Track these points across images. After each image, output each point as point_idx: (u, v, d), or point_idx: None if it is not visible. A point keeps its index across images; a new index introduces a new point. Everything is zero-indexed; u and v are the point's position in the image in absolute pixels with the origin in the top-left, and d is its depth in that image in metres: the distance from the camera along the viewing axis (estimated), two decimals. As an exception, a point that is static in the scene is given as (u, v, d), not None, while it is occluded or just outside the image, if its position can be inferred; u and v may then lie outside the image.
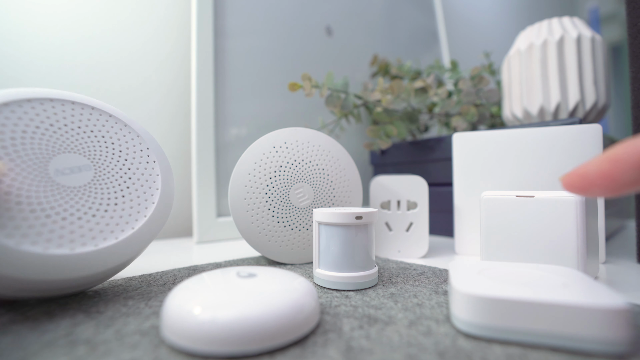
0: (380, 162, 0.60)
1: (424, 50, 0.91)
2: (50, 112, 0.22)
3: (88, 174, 0.22)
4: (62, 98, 0.22)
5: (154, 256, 0.39)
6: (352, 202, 0.35)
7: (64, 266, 0.19)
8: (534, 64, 0.49)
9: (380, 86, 0.51)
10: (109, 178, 0.22)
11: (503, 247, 0.28)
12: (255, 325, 0.15)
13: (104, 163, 0.23)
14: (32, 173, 0.20)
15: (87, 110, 0.23)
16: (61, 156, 0.21)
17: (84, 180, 0.21)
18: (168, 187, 0.25)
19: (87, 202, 0.21)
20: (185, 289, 0.18)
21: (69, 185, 0.21)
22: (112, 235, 0.21)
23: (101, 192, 0.22)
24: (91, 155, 0.22)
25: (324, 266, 0.26)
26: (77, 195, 0.21)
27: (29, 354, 0.16)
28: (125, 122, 0.25)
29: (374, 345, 0.16)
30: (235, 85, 0.56)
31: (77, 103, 0.23)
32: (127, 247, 0.22)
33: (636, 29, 0.32)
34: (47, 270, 0.19)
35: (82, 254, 0.20)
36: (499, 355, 0.15)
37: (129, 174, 0.23)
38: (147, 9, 0.54)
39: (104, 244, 0.21)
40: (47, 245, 0.19)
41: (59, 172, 0.21)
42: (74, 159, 0.22)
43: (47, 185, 0.20)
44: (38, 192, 0.20)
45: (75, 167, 0.21)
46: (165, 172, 0.25)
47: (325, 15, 0.70)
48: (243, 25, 0.58)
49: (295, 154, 0.33)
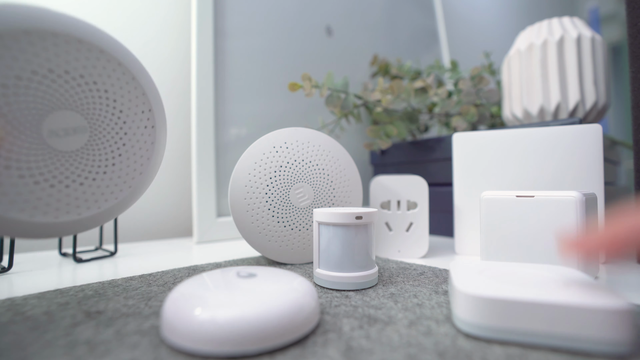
0: (380, 162, 0.60)
1: (424, 50, 0.91)
2: (51, 52, 0.19)
3: (82, 136, 0.21)
4: (67, 32, 0.19)
5: (154, 256, 0.39)
6: (352, 202, 0.35)
7: (48, 232, 0.20)
8: (534, 64, 0.49)
9: (380, 86, 0.51)
10: (102, 142, 0.21)
11: (503, 247, 0.28)
12: (255, 325, 0.15)
13: (101, 125, 0.21)
14: (25, 133, 0.19)
15: (94, 54, 0.20)
16: (57, 113, 0.20)
17: (77, 144, 0.21)
18: (158, 154, 0.24)
19: (76, 170, 0.21)
20: (185, 289, 0.18)
21: (62, 149, 0.20)
22: (95, 205, 0.21)
23: (92, 159, 0.21)
24: (89, 113, 0.21)
25: (324, 266, 0.26)
26: (68, 162, 0.20)
27: (29, 354, 0.16)
28: (134, 73, 0.22)
29: (374, 345, 0.16)
30: (235, 85, 0.56)
31: (84, 42, 0.20)
32: (102, 218, 0.22)
33: (636, 29, 0.32)
34: (32, 234, 0.19)
35: (66, 222, 0.20)
36: (499, 355, 0.15)
37: (124, 140, 0.22)
38: (148, 10, 0.54)
39: (87, 213, 0.21)
40: (33, 213, 0.19)
41: (53, 134, 0.20)
42: (70, 118, 0.20)
43: (38, 148, 0.19)
44: (29, 156, 0.19)
45: (70, 129, 0.20)
46: (160, 138, 0.24)
47: (325, 15, 0.70)
48: (243, 25, 0.58)
49: (295, 154, 0.33)
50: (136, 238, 0.52)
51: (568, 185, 0.33)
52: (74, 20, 0.20)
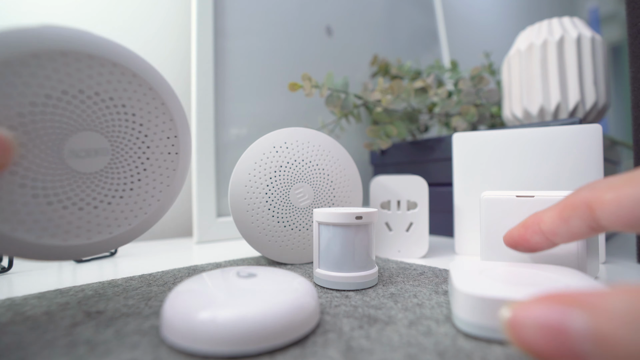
0: (380, 162, 0.60)
1: (424, 50, 0.91)
2: (84, 73, 0.19)
3: (104, 159, 0.20)
4: (103, 55, 0.19)
5: (154, 256, 0.39)
6: (352, 202, 0.35)
7: (54, 254, 0.19)
8: (534, 64, 0.49)
9: (380, 86, 0.51)
10: (122, 166, 0.21)
11: (503, 247, 0.28)
12: (255, 325, 0.15)
13: (124, 148, 0.21)
14: (45, 152, 0.18)
15: (126, 78, 0.20)
16: (81, 134, 0.19)
17: (97, 167, 0.20)
18: (179, 182, 0.23)
19: (92, 192, 0.20)
20: (185, 289, 0.18)
21: (80, 170, 0.19)
22: (107, 230, 0.21)
23: (109, 182, 0.20)
24: (113, 135, 0.20)
25: (324, 266, 0.26)
26: (85, 184, 0.20)
27: (29, 354, 0.16)
28: (164, 99, 0.22)
29: (374, 345, 0.16)
30: (235, 85, 0.56)
31: (118, 65, 0.20)
32: (112, 244, 0.21)
33: (636, 29, 0.32)
34: (36, 256, 0.19)
35: (73, 246, 0.19)
36: (499, 355, 0.15)
37: (146, 164, 0.21)
38: (148, 10, 0.54)
39: (97, 238, 0.20)
40: (41, 234, 0.18)
41: (74, 154, 0.19)
42: (93, 139, 0.20)
43: (57, 168, 0.19)
44: (46, 176, 0.18)
45: (92, 150, 0.20)
46: (182, 165, 0.23)
47: (325, 15, 0.70)
48: (243, 25, 0.58)
49: (295, 154, 0.33)
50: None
51: (568, 185, 0.33)
52: (110, 43, 0.20)
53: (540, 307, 0.12)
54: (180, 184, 0.24)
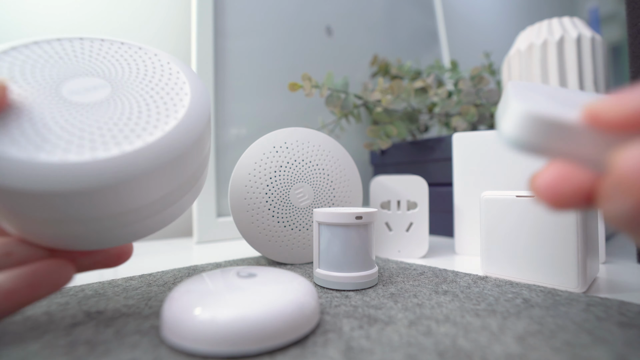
0: (380, 162, 0.60)
1: (424, 50, 0.91)
2: (58, 48, 0.21)
3: (104, 90, 0.20)
4: (69, 37, 0.21)
5: (154, 256, 0.39)
6: (352, 202, 0.35)
7: (87, 174, 0.16)
8: (534, 64, 0.49)
9: (380, 86, 0.51)
10: (128, 91, 0.20)
11: (503, 247, 0.28)
12: (255, 325, 0.15)
13: (121, 80, 0.21)
14: (44, 95, 0.18)
15: (96, 43, 0.22)
16: (74, 80, 0.20)
17: (100, 96, 0.20)
18: (199, 92, 0.22)
19: (106, 112, 0.19)
20: (185, 289, 0.18)
21: (85, 102, 0.19)
22: (139, 139, 0.18)
23: (121, 103, 0.20)
24: (106, 75, 0.21)
25: (324, 266, 0.26)
26: (95, 109, 0.19)
27: (29, 354, 0.16)
28: (139, 45, 0.23)
29: (374, 345, 0.16)
30: (235, 85, 0.56)
31: (85, 39, 0.22)
32: (160, 150, 0.18)
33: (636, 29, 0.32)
34: (68, 180, 0.16)
35: (106, 159, 0.17)
36: (499, 355, 0.15)
37: (152, 85, 0.21)
38: (148, 10, 0.54)
39: (131, 147, 0.18)
40: (65, 155, 0.16)
41: (73, 93, 0.19)
42: (88, 81, 0.20)
43: (61, 104, 0.18)
44: (52, 110, 0.18)
45: (90, 87, 0.20)
46: (192, 78, 0.23)
47: (325, 15, 0.70)
48: (243, 25, 0.58)
49: (295, 154, 0.33)
50: (136, 238, 0.52)
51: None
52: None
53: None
54: (204, 103, 0.22)
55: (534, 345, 0.16)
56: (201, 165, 0.22)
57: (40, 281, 0.18)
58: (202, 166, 0.22)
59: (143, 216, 0.19)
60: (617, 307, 0.20)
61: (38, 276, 0.18)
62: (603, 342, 0.16)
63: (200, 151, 0.21)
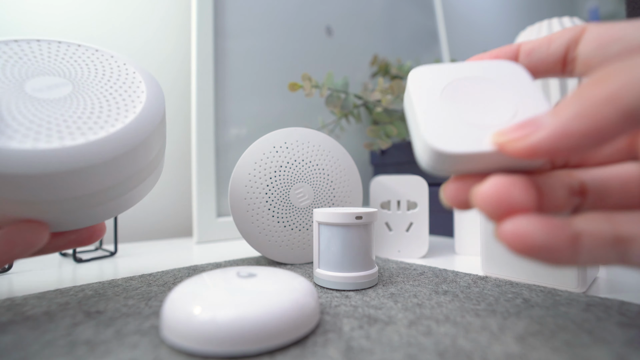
0: (380, 162, 0.60)
1: (424, 50, 0.91)
2: (16, 49, 0.22)
3: (66, 88, 0.22)
4: (27, 39, 0.23)
5: (154, 256, 0.39)
6: (352, 202, 0.35)
7: (57, 159, 0.18)
8: (534, 64, 0.49)
9: (380, 86, 0.51)
10: (89, 89, 0.22)
11: (503, 247, 0.28)
12: (255, 325, 0.15)
13: (81, 79, 0.23)
14: (9, 91, 0.20)
15: (54, 45, 0.24)
16: (36, 79, 0.21)
17: (63, 93, 0.21)
18: (153, 90, 0.24)
19: (70, 107, 0.21)
20: (185, 289, 0.18)
21: (49, 98, 0.21)
22: (102, 130, 0.20)
23: (83, 99, 0.21)
24: (66, 75, 0.22)
25: (324, 266, 0.26)
26: (59, 104, 0.21)
27: (29, 354, 0.16)
28: (96, 48, 0.25)
29: (374, 345, 0.16)
30: (235, 85, 0.56)
31: (42, 40, 0.23)
32: (121, 140, 0.21)
33: (636, 29, 0.32)
34: (40, 164, 0.18)
35: (73, 146, 0.19)
36: (499, 355, 0.15)
37: (110, 83, 0.23)
38: (148, 10, 0.54)
39: (95, 137, 0.20)
40: (35, 143, 0.18)
41: (36, 90, 0.21)
42: (50, 79, 0.22)
43: (26, 99, 0.20)
44: (18, 104, 0.19)
45: (52, 85, 0.21)
46: (147, 78, 0.25)
47: (325, 15, 0.70)
48: (243, 25, 0.58)
49: (295, 154, 0.33)
50: (136, 238, 0.52)
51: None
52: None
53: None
54: (157, 100, 0.24)
55: (534, 345, 0.16)
56: (158, 154, 0.24)
57: (15, 239, 0.19)
58: (160, 155, 0.25)
59: (108, 198, 0.21)
60: (617, 307, 0.20)
61: (12, 234, 0.19)
62: (603, 342, 0.16)
63: (157, 141, 0.23)
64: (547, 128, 0.13)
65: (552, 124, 0.13)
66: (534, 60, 0.19)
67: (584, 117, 0.12)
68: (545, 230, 0.13)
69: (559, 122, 0.13)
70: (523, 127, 0.14)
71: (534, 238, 0.13)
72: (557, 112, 0.13)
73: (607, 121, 0.12)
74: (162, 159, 0.26)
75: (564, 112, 0.13)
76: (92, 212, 0.22)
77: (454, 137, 0.16)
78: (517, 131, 0.14)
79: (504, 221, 0.13)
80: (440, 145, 0.16)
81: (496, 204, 0.14)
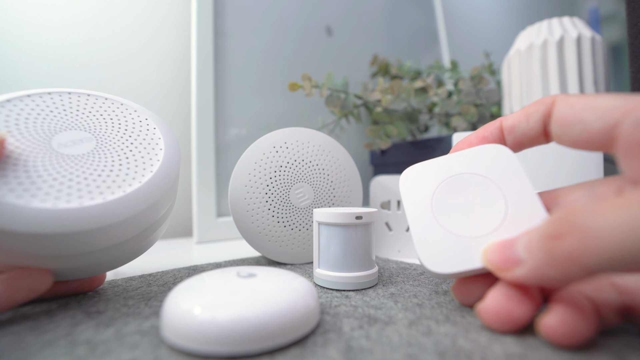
0: (380, 162, 0.60)
1: (424, 50, 0.91)
2: (48, 102, 0.23)
3: (90, 144, 0.23)
4: (58, 91, 0.24)
5: (154, 256, 0.39)
6: (352, 202, 0.35)
7: (75, 219, 0.19)
8: (534, 64, 0.49)
9: (380, 86, 0.51)
10: (111, 145, 0.24)
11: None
12: (255, 325, 0.15)
13: (105, 134, 0.24)
14: (37, 147, 0.21)
15: (83, 97, 0.25)
16: (63, 133, 0.23)
17: (87, 149, 0.22)
18: (171, 147, 0.26)
19: (92, 164, 0.22)
20: (185, 289, 0.18)
21: (73, 154, 0.22)
22: (119, 190, 0.21)
23: (105, 156, 0.23)
24: (91, 129, 0.24)
25: (324, 266, 0.26)
26: (82, 161, 0.22)
27: (29, 354, 0.16)
28: (121, 101, 0.26)
29: (374, 345, 0.16)
30: (235, 85, 0.56)
31: (73, 93, 0.25)
32: (137, 199, 0.22)
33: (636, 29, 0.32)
34: (58, 224, 0.19)
35: (91, 206, 0.20)
36: (499, 355, 0.15)
37: (131, 140, 0.24)
38: (147, 10, 0.54)
39: (112, 197, 0.21)
40: (56, 202, 0.19)
41: (62, 145, 0.22)
42: (75, 134, 0.23)
43: (52, 155, 0.21)
44: (44, 161, 0.20)
45: (77, 140, 0.23)
46: (166, 134, 0.26)
47: (325, 15, 0.70)
48: (243, 25, 0.58)
49: (295, 154, 0.33)
50: (136, 238, 0.52)
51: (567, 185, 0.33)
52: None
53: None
54: (174, 157, 0.26)
55: (534, 345, 0.16)
56: (170, 208, 0.25)
57: (18, 285, 0.19)
58: (171, 208, 0.26)
59: (116, 252, 0.22)
60: (617, 307, 0.20)
61: (16, 280, 0.19)
62: (603, 342, 0.16)
63: (170, 197, 0.24)
64: (524, 267, 0.15)
65: (527, 265, 0.15)
66: (518, 137, 0.21)
67: (552, 267, 0.14)
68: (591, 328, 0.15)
69: (533, 266, 0.15)
70: (506, 260, 0.16)
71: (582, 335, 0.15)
72: (530, 250, 0.15)
73: (572, 275, 0.14)
74: (171, 212, 0.26)
75: (536, 254, 0.15)
76: (98, 265, 0.22)
77: (446, 258, 0.19)
78: (501, 262, 0.17)
79: (548, 315, 0.16)
80: (435, 268, 0.19)
81: (500, 321, 0.17)
